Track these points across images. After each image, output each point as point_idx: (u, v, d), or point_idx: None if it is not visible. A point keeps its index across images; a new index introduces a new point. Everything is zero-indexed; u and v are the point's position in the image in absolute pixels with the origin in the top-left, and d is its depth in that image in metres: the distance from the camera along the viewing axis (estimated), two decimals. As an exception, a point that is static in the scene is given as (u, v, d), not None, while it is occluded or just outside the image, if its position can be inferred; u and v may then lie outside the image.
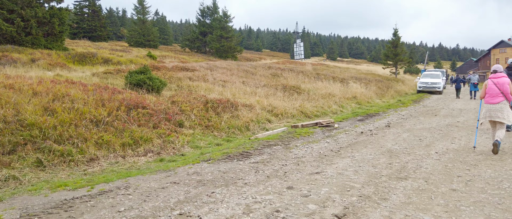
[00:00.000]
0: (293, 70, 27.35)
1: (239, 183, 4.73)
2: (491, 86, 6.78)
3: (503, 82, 6.67)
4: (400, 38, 40.23)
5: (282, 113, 12.07)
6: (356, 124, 10.81)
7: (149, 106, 8.48)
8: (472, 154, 6.33)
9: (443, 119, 11.56)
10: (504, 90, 6.59)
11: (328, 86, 19.82)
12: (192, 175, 5.16)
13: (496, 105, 6.59)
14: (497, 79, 6.77)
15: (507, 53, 74.27)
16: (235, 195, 4.24)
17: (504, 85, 6.63)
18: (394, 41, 40.19)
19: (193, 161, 6.09)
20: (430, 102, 19.11)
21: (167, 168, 5.63)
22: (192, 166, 5.69)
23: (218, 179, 4.94)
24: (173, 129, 8.12)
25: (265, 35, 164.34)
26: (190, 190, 4.42)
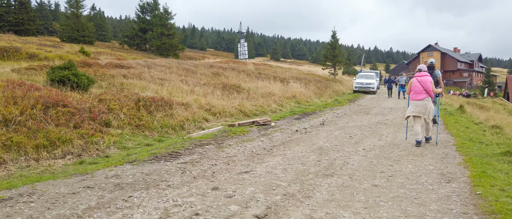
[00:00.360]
0: (235, 70, 27.24)
1: (162, 185, 4.43)
2: (415, 84, 7.32)
3: (426, 80, 7.23)
4: (338, 40, 41.83)
5: (221, 112, 11.85)
6: (292, 122, 10.91)
7: (71, 105, 7.81)
8: (396, 150, 6.60)
9: (374, 117, 12.08)
10: (427, 88, 7.16)
11: (269, 85, 19.96)
12: (111, 178, 4.76)
13: (420, 101, 7.17)
14: (421, 77, 7.32)
15: (434, 56, 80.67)
16: (155, 198, 3.95)
17: (427, 83, 7.19)
18: (332, 43, 41.72)
19: (116, 162, 5.66)
20: (364, 102, 20.01)
21: (85, 171, 5.16)
22: (113, 168, 5.27)
23: (139, 181, 4.60)
24: (98, 128, 7.55)
25: (209, 34, 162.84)
26: (105, 195, 4.04)
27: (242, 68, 29.75)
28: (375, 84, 27.58)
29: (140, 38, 46.24)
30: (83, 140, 6.82)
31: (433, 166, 5.27)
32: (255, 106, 14.00)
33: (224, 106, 12.44)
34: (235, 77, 22.51)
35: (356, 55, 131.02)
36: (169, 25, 43.41)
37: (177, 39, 44.85)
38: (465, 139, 7.40)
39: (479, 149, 6.33)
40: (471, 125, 10.18)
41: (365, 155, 6.12)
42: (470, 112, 14.39)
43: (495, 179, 4.42)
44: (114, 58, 27.85)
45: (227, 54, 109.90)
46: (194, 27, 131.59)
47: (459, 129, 8.92)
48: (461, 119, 11.39)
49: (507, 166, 5.17)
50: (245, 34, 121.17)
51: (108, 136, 7.44)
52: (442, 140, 7.50)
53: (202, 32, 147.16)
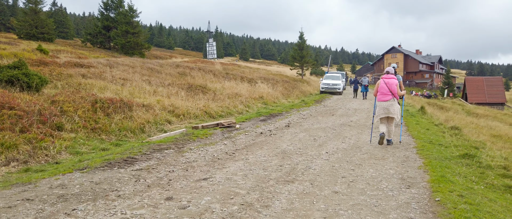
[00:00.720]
0: (202, 70, 26.81)
1: (111, 196, 4.11)
2: (382, 85, 7.58)
3: (392, 82, 7.51)
4: (305, 41, 42.24)
5: (185, 113, 11.51)
6: (258, 124, 10.75)
7: (19, 107, 7.26)
8: (359, 153, 6.57)
9: (339, 119, 12.15)
10: (392, 90, 7.44)
11: (236, 86, 19.76)
12: (56, 188, 4.39)
13: (387, 102, 7.42)
14: (388, 80, 7.58)
15: (397, 58, 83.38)
16: (102, 211, 3.64)
17: (393, 86, 7.48)
18: (300, 44, 42.07)
19: (65, 170, 5.26)
20: (330, 103, 20.21)
21: (29, 180, 4.74)
22: (60, 177, 4.88)
23: (87, 191, 4.25)
24: (49, 132, 7.05)
25: (177, 33, 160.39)
26: (45, 208, 3.68)
27: (209, 68, 29.35)
28: (341, 85, 28.01)
29: (104, 36, 44.66)
30: (31, 145, 6.33)
31: (394, 170, 5.25)
32: (221, 108, 13.75)
33: (189, 107, 12.11)
34: (201, 77, 22.13)
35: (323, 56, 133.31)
36: (134, 23, 42.18)
37: (143, 38, 43.68)
38: (425, 141, 7.52)
39: (439, 151, 6.42)
40: (432, 126, 10.42)
41: (327, 159, 6.03)
42: (430, 113, 14.81)
43: (454, 183, 4.43)
44: (74, 56, 26.65)
45: (196, 53, 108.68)
46: (161, 26, 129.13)
47: (420, 130, 9.09)
48: (422, 120, 11.67)
49: (465, 169, 5.24)
50: (214, 33, 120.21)
51: (59, 140, 6.96)
52: (404, 142, 7.58)
53: (170, 31, 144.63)
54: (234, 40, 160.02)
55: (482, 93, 53.43)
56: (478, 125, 17.74)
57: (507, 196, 4.37)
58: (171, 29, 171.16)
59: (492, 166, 5.42)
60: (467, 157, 5.84)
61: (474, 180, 4.77)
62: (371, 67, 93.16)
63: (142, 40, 43.29)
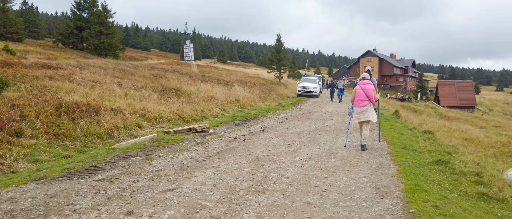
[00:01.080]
0: (178, 72, 26.35)
1: (66, 211, 3.78)
2: (359, 91, 7.70)
3: (368, 88, 7.67)
4: (283, 44, 42.33)
5: (157, 118, 11.13)
6: (232, 128, 10.50)
7: (-28, 112, 6.75)
8: (333, 159, 6.43)
9: (314, 123, 12.06)
10: (369, 95, 7.59)
11: (212, 89, 19.44)
12: (5, 202, 4.00)
13: (363, 107, 7.58)
14: (365, 85, 7.71)
15: (372, 62, 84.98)
16: (52, 229, 3.31)
17: (369, 91, 7.63)
18: (277, 47, 42.12)
19: (19, 181, 4.85)
20: (307, 106, 20.19)
21: (-25, 194, 4.32)
22: (12, 189, 4.48)
23: (39, 206, 3.89)
24: (6, 139, 6.57)
25: (154, 34, 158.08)
26: (-13, 227, 3.32)
27: (185, 70, 28.89)
28: (317, 88, 28.11)
29: (76, 37, 43.32)
30: (-17, 154, 5.86)
31: (368, 178, 5.12)
32: (196, 111, 13.43)
33: (161, 111, 11.74)
34: (177, 80, 21.70)
35: (301, 59, 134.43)
36: (109, 24, 41.09)
37: (117, 39, 42.60)
38: (399, 147, 7.48)
39: (413, 157, 6.36)
40: (406, 130, 10.47)
41: (301, 166, 5.85)
42: (404, 117, 14.97)
43: (428, 193, 4.33)
44: (44, 57, 25.64)
45: (173, 55, 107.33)
46: (137, 27, 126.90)
47: (394, 135, 9.08)
48: (396, 124, 11.73)
49: (439, 176, 5.17)
50: (191, 35, 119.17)
51: (18, 147, 6.51)
52: (378, 148, 7.51)
53: (146, 32, 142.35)
54: (212, 42, 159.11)
55: (454, 97, 55.05)
56: (450, 128, 18.12)
57: (480, 205, 4.30)
58: (148, 30, 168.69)
59: (465, 173, 5.38)
60: (440, 163, 5.79)
61: (448, 187, 4.69)
62: (348, 70, 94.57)
63: (116, 41, 42.23)
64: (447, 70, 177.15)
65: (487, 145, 13.99)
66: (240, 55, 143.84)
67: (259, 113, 15.65)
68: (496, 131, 23.57)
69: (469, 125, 26.35)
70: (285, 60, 42.63)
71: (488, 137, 16.19)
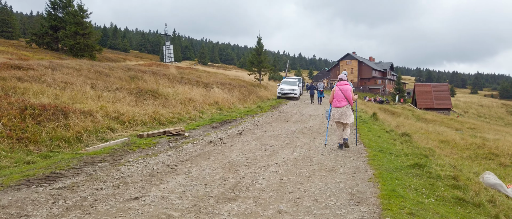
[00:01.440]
0: (156, 73, 25.84)
1: (17, 224, 3.45)
2: (338, 92, 7.86)
3: (347, 89, 7.85)
4: (263, 46, 42.27)
5: (131, 120, 10.75)
6: (209, 131, 10.24)
7: None
8: (309, 163, 6.26)
9: (293, 125, 11.92)
10: (347, 96, 7.77)
11: (190, 91, 19.09)
12: (-51, 215, 3.64)
13: (342, 108, 7.73)
14: (343, 86, 7.89)
15: (352, 64, 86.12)
16: (-2, 245, 2.99)
17: (348, 92, 7.81)
18: (258, 49, 42.03)
19: (-29, 190, 4.47)
20: (287, 108, 20.10)
21: None
22: (-39, 200, 4.10)
23: (-13, 219, 3.55)
24: (-39, 144, 6.13)
25: (133, 36, 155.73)
26: None
27: (164, 72, 28.39)
28: (297, 90, 28.12)
29: (51, 37, 42.07)
30: None
31: (343, 183, 4.96)
32: (172, 114, 13.09)
33: (136, 114, 11.36)
34: (154, 81, 21.25)
35: (282, 62, 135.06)
36: (85, 24, 40.06)
37: (94, 39, 41.59)
38: (376, 150, 7.39)
39: (390, 161, 6.26)
40: (383, 133, 10.45)
41: (276, 171, 5.66)
42: (382, 119, 15.04)
43: (405, 199, 4.20)
44: (15, 58, 24.70)
45: (152, 56, 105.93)
46: (116, 28, 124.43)
47: (371, 138, 9.02)
48: (374, 126, 11.72)
49: (416, 181, 5.07)
50: (171, 36, 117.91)
51: (-26, 153, 6.07)
52: (355, 151, 7.40)
53: (125, 33, 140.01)
54: (193, 44, 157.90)
55: (430, 99, 56.30)
56: (427, 130, 18.35)
57: (457, 210, 4.21)
58: (127, 31, 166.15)
59: (441, 176, 5.31)
60: (417, 167, 5.71)
61: (425, 192, 4.59)
62: (328, 73, 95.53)
63: (93, 42, 41.22)
64: (424, 73, 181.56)
65: (462, 147, 14.19)
66: (221, 57, 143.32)
67: (238, 115, 15.43)
68: (471, 132, 24.10)
69: (445, 127, 26.86)
70: (265, 63, 42.57)
71: (464, 139, 16.46)
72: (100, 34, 47.56)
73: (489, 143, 15.38)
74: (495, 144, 14.96)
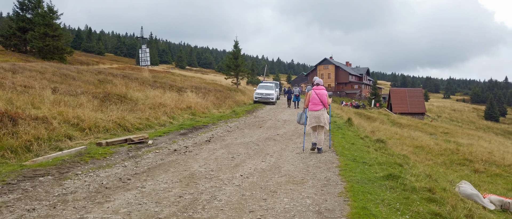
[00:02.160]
0: (128, 77, 24.96)
1: None
2: (314, 96, 8.05)
3: (323, 93, 8.05)
4: (240, 50, 41.86)
5: (92, 127, 10.04)
6: (176, 138, 9.64)
7: None
8: (276, 175, 5.78)
9: (266, 131, 11.46)
10: (323, 100, 7.99)
11: (162, 95, 18.38)
12: None
13: (318, 112, 7.94)
14: (319, 90, 8.08)
15: (329, 69, 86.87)
16: None
17: (323, 96, 8.02)
18: (235, 53, 41.57)
19: None
20: (262, 113, 19.67)
21: None
22: None
23: None
24: None
25: (109, 39, 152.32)
26: None
27: (136, 76, 27.49)
28: (274, 95, 27.79)
29: (19, 39, 40.26)
30: None
31: (311, 198, 4.50)
32: (140, 120, 12.41)
33: (99, 120, 10.64)
34: (125, 85, 20.40)
35: (260, 66, 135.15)
36: (55, 25, 38.51)
37: (64, 41, 40.05)
38: (349, 159, 6.99)
39: (362, 172, 5.86)
40: (357, 140, 10.12)
41: (240, 184, 5.15)
42: (357, 124, 14.80)
43: (377, 218, 3.78)
44: (-25, 59, 23.34)
45: (128, 60, 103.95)
46: (91, 30, 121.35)
47: (345, 146, 8.65)
48: (349, 133, 11.40)
49: (390, 194, 4.67)
50: (148, 39, 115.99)
51: None
52: (327, 160, 6.98)
53: (100, 35, 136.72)
54: (171, 47, 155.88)
55: (405, 104, 57.20)
56: (402, 136, 18.29)
57: (433, 228, 3.82)
58: (103, 34, 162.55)
59: (416, 188, 4.94)
60: (391, 178, 5.33)
61: (399, 208, 4.18)
62: (305, 77, 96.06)
63: (63, 44, 39.66)
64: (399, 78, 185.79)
65: (437, 152, 14.10)
66: (199, 61, 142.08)
67: (210, 120, 14.87)
68: (445, 137, 24.33)
69: (420, 132, 27.08)
70: (243, 67, 42.14)
71: (438, 144, 16.44)
72: (71, 36, 46.05)
73: (462, 148, 15.39)
74: (469, 149, 14.97)
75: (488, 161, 12.88)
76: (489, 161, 12.86)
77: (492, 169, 11.62)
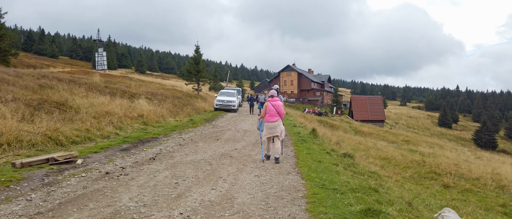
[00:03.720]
0: (76, 82, 22.78)
1: None
2: (270, 107, 8.16)
3: (279, 105, 8.22)
4: (201, 55, 40.33)
5: (13, 141, 8.34)
6: (114, 156, 8.14)
7: None
8: (227, 212, 4.52)
9: (223, 145, 10.20)
10: (279, 111, 8.14)
11: (109, 102, 16.60)
12: None
13: (274, 123, 8.06)
14: (275, 102, 8.22)
15: (292, 76, 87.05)
16: None
17: (280, 107, 8.19)
18: (196, 58, 39.99)
19: None
20: (222, 122, 18.40)
21: None
22: None
23: None
24: None
25: (65, 41, 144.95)
26: None
27: (86, 81, 25.29)
28: (236, 102, 26.58)
29: (-46, 38, 36.40)
30: None
31: (270, 255, 3.32)
32: (79, 131, 10.75)
33: (24, 132, 8.94)
34: (69, 91, 18.38)
35: (223, 72, 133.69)
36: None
37: (8, 42, 36.64)
38: (317, 185, 5.85)
39: (334, 204, 4.73)
40: (324, 155, 9.10)
41: (176, 229, 3.86)
42: (322, 135, 13.88)
43: None
44: None
45: (84, 63, 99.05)
46: (44, 32, 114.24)
47: (311, 166, 7.54)
48: (314, 146, 10.37)
49: (372, 242, 3.57)
50: (106, 42, 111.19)
51: None
52: (291, 187, 5.80)
53: (55, 37, 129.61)
54: (131, 51, 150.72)
55: (366, 111, 57.96)
56: (366, 146, 17.70)
57: None
58: (58, 36, 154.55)
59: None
60: (370, 215, 4.25)
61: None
62: (269, 84, 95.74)
63: (6, 45, 36.32)
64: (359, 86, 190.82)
65: (404, 165, 13.45)
66: (160, 66, 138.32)
67: (163, 131, 13.39)
68: (407, 146, 24.18)
69: (382, 140, 26.89)
70: (204, 72, 40.55)
71: (403, 155, 15.90)
72: (17, 37, 42.40)
73: (428, 159, 14.91)
74: (434, 160, 14.49)
75: (456, 174, 12.37)
76: (457, 174, 12.35)
77: (461, 183, 11.05)
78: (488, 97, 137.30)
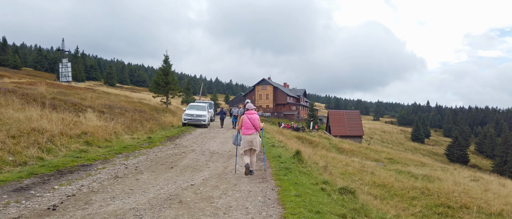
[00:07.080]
0: (17, 93, 19.27)
1: None
2: (246, 120, 8.25)
3: (255, 118, 8.30)
4: (171, 65, 37.30)
5: None
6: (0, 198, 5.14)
7: None
8: None
9: (176, 178, 7.32)
10: (255, 124, 8.25)
11: (41, 117, 13.36)
12: None
13: (250, 136, 8.15)
14: (251, 115, 8.31)
15: (267, 90, 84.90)
16: None
17: (255, 121, 8.28)
18: (165, 69, 36.88)
19: None
20: (187, 140, 15.50)
21: None
22: None
23: None
24: None
25: (30, 52, 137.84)
26: None
27: (29, 92, 21.77)
28: (207, 116, 23.59)
29: None
30: None
31: None
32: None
33: None
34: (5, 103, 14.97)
35: (197, 85, 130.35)
36: None
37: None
38: None
39: None
40: (318, 194, 6.38)
41: None
42: (308, 159, 11.16)
43: None
44: None
45: (49, 75, 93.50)
46: (5, 42, 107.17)
47: (302, 212, 4.85)
48: (302, 179, 7.61)
49: None
50: (72, 53, 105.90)
51: None
52: None
53: (19, 48, 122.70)
54: (101, 63, 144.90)
55: (343, 126, 56.17)
56: (355, 168, 15.22)
57: None
58: (24, 47, 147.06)
59: None
60: None
61: None
62: (243, 97, 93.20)
63: None
64: (333, 100, 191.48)
65: (406, 196, 10.96)
66: (132, 79, 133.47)
67: (104, 154, 10.38)
68: (392, 166, 21.94)
69: (367, 159, 24.62)
70: (173, 84, 37.38)
71: (399, 180, 13.47)
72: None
73: (431, 185, 12.50)
74: (439, 188, 12.09)
75: (471, 206, 9.99)
76: (473, 206, 9.97)
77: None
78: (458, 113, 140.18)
